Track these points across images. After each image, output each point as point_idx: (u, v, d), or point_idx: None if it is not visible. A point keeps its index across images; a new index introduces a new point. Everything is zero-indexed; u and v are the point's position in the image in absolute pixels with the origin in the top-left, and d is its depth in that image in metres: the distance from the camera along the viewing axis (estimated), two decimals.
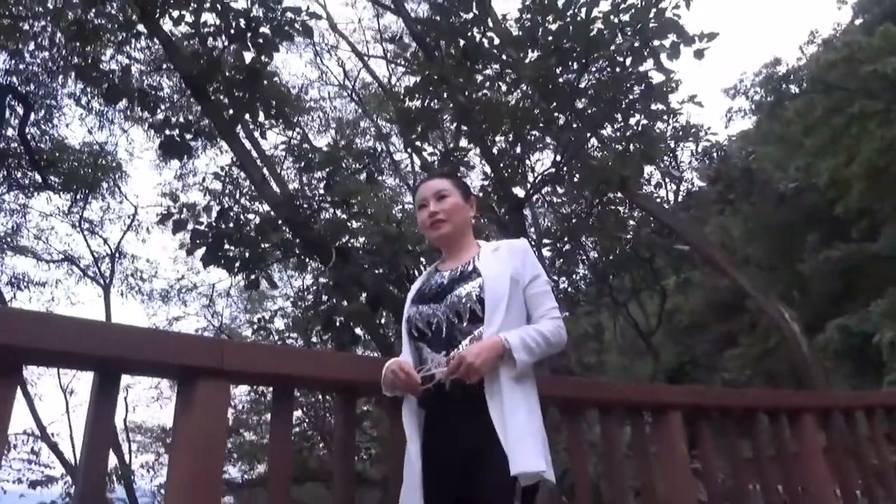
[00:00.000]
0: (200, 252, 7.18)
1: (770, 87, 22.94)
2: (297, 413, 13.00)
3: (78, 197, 14.83)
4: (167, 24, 7.09)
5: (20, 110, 10.66)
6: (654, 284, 14.28)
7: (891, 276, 17.46)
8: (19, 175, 12.50)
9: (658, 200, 13.53)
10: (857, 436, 4.50)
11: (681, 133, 13.04)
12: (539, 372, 2.31)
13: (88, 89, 11.87)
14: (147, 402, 18.48)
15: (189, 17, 6.81)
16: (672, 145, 12.89)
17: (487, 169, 8.30)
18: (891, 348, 16.61)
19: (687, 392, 4.67)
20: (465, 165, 8.35)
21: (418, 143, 8.00)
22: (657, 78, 6.50)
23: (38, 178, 12.90)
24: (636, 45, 6.23)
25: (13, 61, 10.27)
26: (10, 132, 10.65)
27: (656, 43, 6.21)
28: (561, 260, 9.97)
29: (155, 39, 7.49)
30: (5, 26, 9.44)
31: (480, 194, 8.29)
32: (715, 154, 16.25)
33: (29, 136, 11.47)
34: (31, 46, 10.63)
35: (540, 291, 2.23)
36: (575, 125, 6.97)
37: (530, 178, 8.37)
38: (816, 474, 4.07)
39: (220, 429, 2.23)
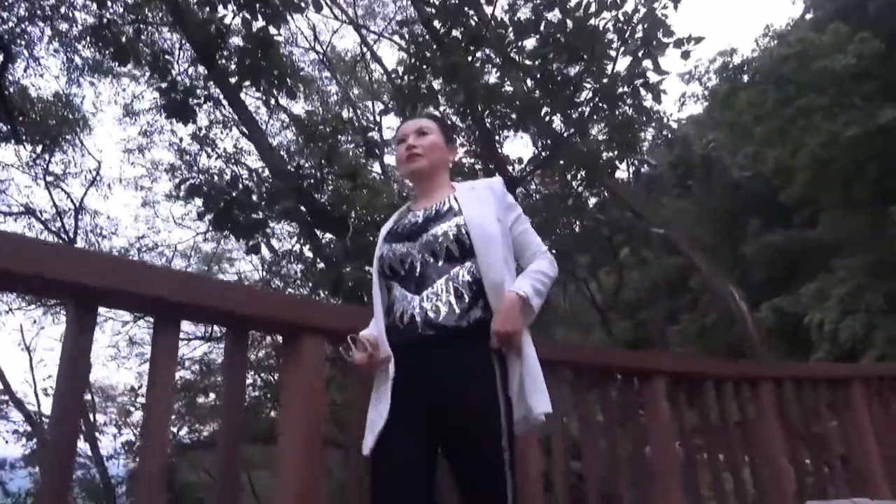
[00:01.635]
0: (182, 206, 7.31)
1: (725, 76, 23.85)
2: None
3: (42, 149, 14.50)
4: None
5: None
6: (613, 261, 15.05)
7: (824, 263, 18.80)
8: None
9: (620, 182, 14.20)
10: (804, 404, 5.17)
11: (644, 118, 13.60)
12: None
13: (61, 38, 11.66)
14: (104, 360, 18.28)
15: None
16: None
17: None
18: (818, 329, 18.00)
19: (669, 361, 5.29)
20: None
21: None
22: (651, 75, 7.06)
23: (5, 128, 12.60)
24: (637, 45, 6.70)
25: None
26: None
27: (652, 43, 6.71)
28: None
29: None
30: None
31: (469, 171, 8.73)
32: (670, 138, 16.93)
33: None
34: None
35: (525, 229, 2.25)
36: (568, 112, 7.46)
37: (516, 161, 8.83)
38: (771, 437, 4.71)
39: (321, 379, 2.61)
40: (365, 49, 15.70)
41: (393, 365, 2.04)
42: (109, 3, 7.67)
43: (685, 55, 6.87)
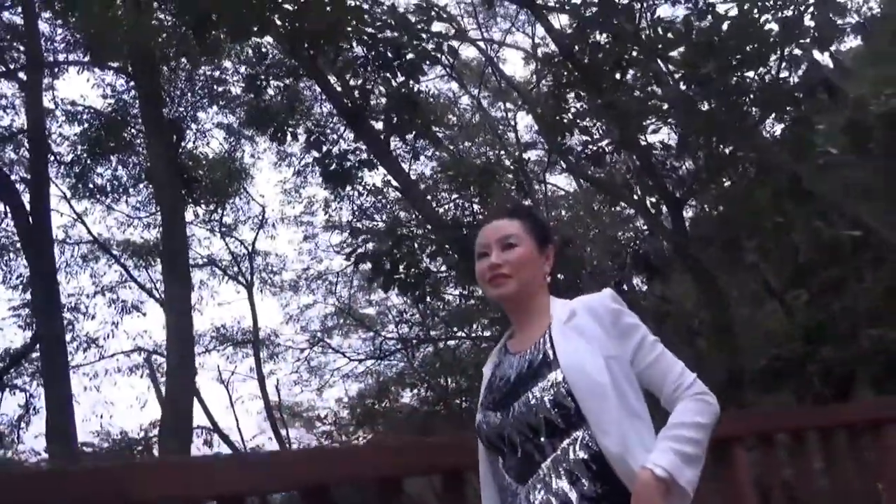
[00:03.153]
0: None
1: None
2: None
3: (215, 206, 15.98)
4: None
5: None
6: (782, 242, 13.83)
7: None
8: None
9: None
10: None
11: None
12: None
13: (223, 109, 12.83)
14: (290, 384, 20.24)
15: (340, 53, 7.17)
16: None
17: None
18: None
19: None
20: (602, 161, 8.40)
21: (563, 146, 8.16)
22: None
23: (183, 192, 13.98)
24: (807, 37, 6.03)
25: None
26: None
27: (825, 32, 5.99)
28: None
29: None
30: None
31: (627, 191, 8.37)
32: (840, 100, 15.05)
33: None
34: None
35: (655, 357, 1.70)
36: (732, 119, 6.89)
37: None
38: None
39: None
40: (486, 60, 15.57)
41: None
42: (263, 89, 8.26)
43: (867, 39, 6.07)
